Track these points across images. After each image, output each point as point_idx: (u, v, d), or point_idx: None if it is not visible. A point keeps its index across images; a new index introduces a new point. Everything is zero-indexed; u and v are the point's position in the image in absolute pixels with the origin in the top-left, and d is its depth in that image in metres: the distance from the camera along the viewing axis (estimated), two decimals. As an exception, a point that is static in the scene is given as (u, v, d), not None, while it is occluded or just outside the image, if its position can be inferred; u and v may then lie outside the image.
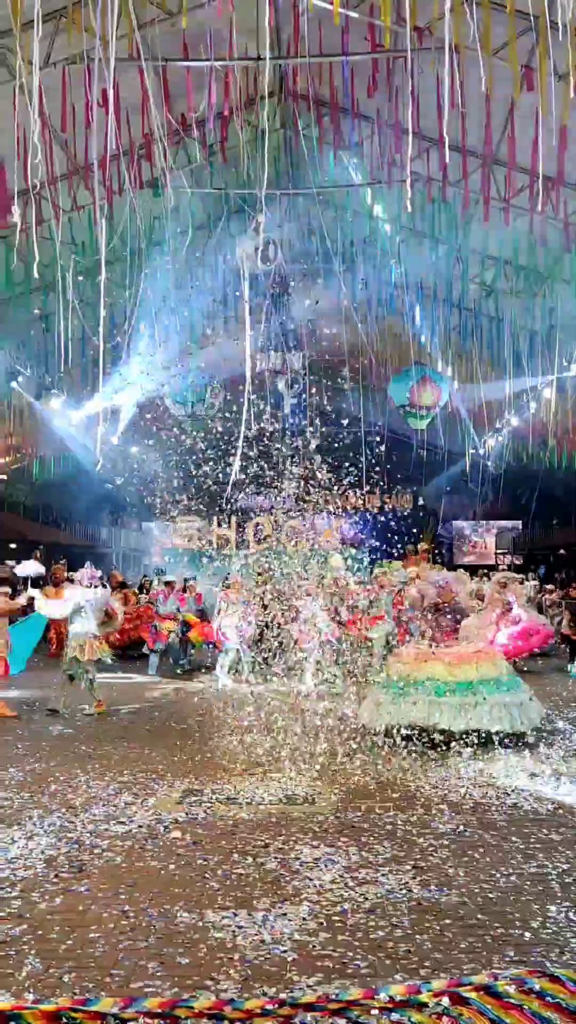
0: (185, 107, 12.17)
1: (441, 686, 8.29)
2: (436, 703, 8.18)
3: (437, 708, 8.16)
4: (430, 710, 8.18)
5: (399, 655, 9.27)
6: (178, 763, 7.65)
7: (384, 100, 12.05)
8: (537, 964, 3.88)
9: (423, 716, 8.18)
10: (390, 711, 8.43)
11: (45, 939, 4.17)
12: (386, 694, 8.66)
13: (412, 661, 8.79)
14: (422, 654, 8.87)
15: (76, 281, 14.55)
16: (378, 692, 8.84)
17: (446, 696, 8.19)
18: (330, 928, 4.27)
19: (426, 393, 19.88)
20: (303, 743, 8.39)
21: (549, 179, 12.72)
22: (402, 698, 8.42)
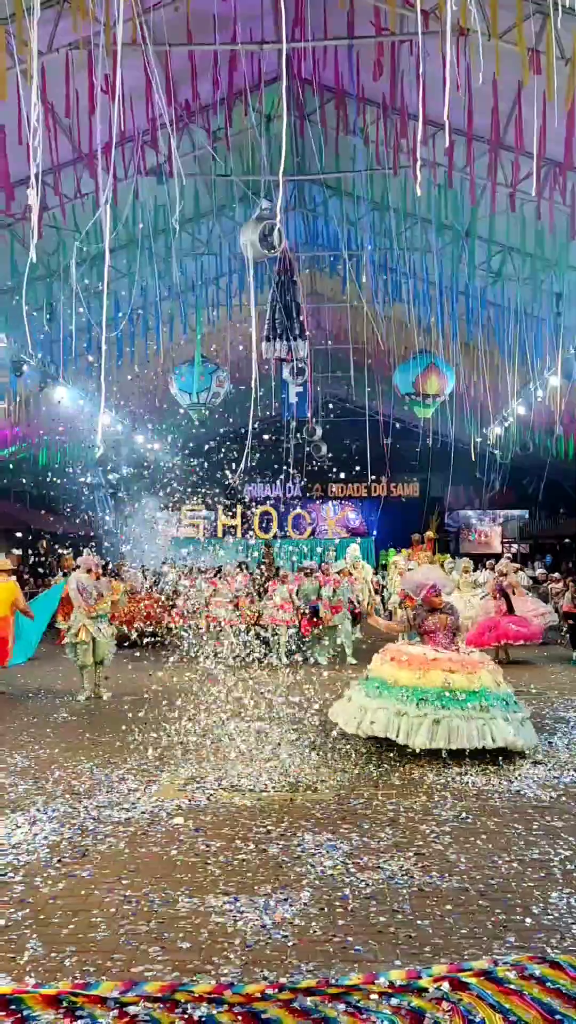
0: (189, 93, 12.09)
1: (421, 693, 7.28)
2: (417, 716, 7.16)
3: (407, 721, 7.18)
4: (397, 721, 7.22)
5: (392, 653, 8.02)
6: (181, 750, 7.66)
7: (390, 84, 11.93)
8: (538, 950, 3.89)
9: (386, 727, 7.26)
10: (359, 715, 7.54)
11: (47, 923, 4.20)
12: (361, 693, 7.74)
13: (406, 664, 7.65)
14: (416, 659, 7.67)
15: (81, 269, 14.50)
16: (357, 691, 7.87)
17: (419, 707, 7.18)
18: (331, 913, 4.28)
19: (432, 381, 19.78)
20: (301, 732, 8.42)
21: (557, 164, 12.63)
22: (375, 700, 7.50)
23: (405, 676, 7.49)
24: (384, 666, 7.79)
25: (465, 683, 7.35)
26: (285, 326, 14.65)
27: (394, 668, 7.65)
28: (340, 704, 7.99)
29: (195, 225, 17.03)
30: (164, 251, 15.98)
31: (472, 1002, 3.40)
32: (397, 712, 7.22)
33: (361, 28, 11.26)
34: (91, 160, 11.74)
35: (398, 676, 7.54)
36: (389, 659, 7.84)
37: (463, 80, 9.55)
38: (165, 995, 3.48)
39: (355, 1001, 3.43)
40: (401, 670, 7.57)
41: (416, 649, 7.92)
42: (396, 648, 8.14)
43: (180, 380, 19.84)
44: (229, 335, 19.60)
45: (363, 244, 17.63)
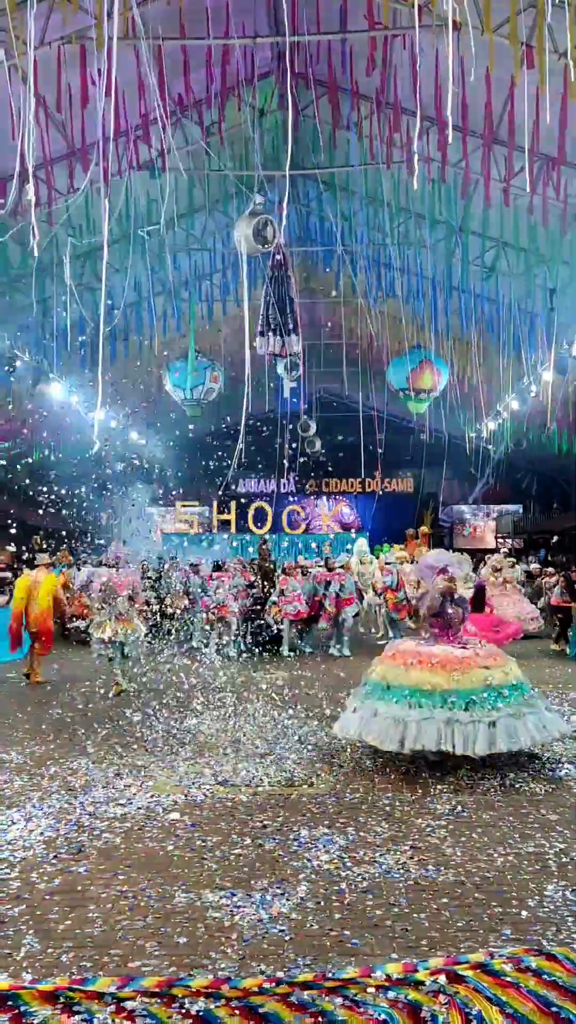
0: (182, 87, 12.05)
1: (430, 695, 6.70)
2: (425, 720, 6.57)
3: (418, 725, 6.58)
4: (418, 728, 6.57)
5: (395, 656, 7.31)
6: (177, 745, 7.66)
7: (383, 78, 11.92)
8: (534, 942, 3.90)
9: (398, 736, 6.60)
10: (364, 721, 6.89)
11: (43, 919, 4.20)
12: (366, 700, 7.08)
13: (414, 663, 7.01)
14: (422, 655, 7.06)
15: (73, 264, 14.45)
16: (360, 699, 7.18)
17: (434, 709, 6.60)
18: (327, 907, 4.29)
19: (425, 377, 19.79)
20: (300, 724, 8.43)
21: (550, 159, 12.63)
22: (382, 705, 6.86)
23: (442, 679, 6.72)
24: (411, 672, 6.87)
25: (503, 678, 6.88)
26: (278, 321, 14.63)
27: (425, 673, 6.80)
28: (354, 719, 6.98)
29: (189, 220, 16.99)
30: (157, 246, 15.93)
31: (469, 995, 3.42)
32: (447, 721, 6.49)
33: (354, 23, 11.23)
34: (84, 155, 11.71)
35: (433, 681, 6.72)
36: (414, 663, 6.94)
37: (456, 75, 9.53)
38: (162, 990, 3.48)
39: (352, 994, 3.44)
40: (435, 674, 6.76)
41: (440, 649, 7.08)
42: (414, 650, 7.16)
43: (174, 376, 19.79)
44: (223, 330, 19.56)
45: (357, 239, 17.61)
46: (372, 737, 6.72)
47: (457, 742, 6.44)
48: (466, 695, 6.62)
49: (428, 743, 6.48)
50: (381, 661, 7.33)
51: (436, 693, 6.65)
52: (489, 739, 6.46)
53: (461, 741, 6.45)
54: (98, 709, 9.43)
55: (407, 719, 6.59)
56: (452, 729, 6.48)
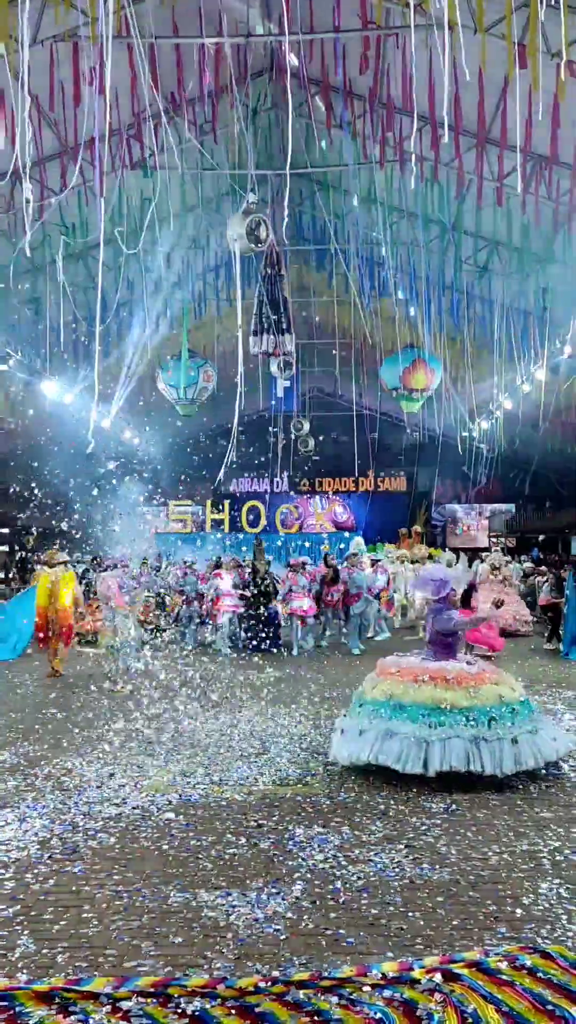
0: (175, 86, 12.03)
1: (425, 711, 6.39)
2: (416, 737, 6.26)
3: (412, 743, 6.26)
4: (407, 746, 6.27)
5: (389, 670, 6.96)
6: (172, 744, 7.65)
7: (377, 78, 11.92)
8: (528, 940, 3.91)
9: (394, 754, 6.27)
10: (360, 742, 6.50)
11: (38, 920, 4.19)
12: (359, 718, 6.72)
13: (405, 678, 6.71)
14: (416, 670, 6.74)
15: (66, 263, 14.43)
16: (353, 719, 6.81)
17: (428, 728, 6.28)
18: (322, 906, 4.29)
19: (419, 376, 19.82)
20: (294, 724, 8.43)
21: (542, 158, 12.66)
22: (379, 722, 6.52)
23: (460, 696, 6.39)
24: (424, 688, 6.49)
25: (512, 694, 6.65)
26: (271, 320, 14.64)
27: (440, 689, 6.44)
28: (361, 742, 6.47)
29: (182, 219, 16.97)
30: (150, 245, 15.90)
31: (464, 993, 3.42)
32: (473, 739, 6.20)
33: (347, 22, 11.23)
34: (76, 153, 11.67)
35: (450, 698, 6.38)
36: (425, 679, 6.55)
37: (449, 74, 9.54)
38: (158, 990, 3.47)
39: (348, 993, 3.44)
40: (452, 691, 6.42)
41: (451, 665, 6.72)
42: (421, 666, 6.77)
43: (167, 375, 19.77)
44: (216, 329, 19.56)
45: (350, 238, 17.62)
46: (390, 759, 6.24)
47: (486, 761, 6.14)
48: (486, 712, 6.36)
49: (457, 763, 6.12)
50: (382, 678, 6.86)
51: (456, 711, 6.32)
52: (515, 756, 6.20)
53: (489, 759, 6.15)
54: (92, 709, 9.42)
55: (429, 738, 6.20)
56: (479, 747, 6.18)
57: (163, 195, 14.29)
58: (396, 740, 6.29)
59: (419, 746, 6.20)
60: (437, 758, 6.12)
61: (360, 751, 6.42)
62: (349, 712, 6.97)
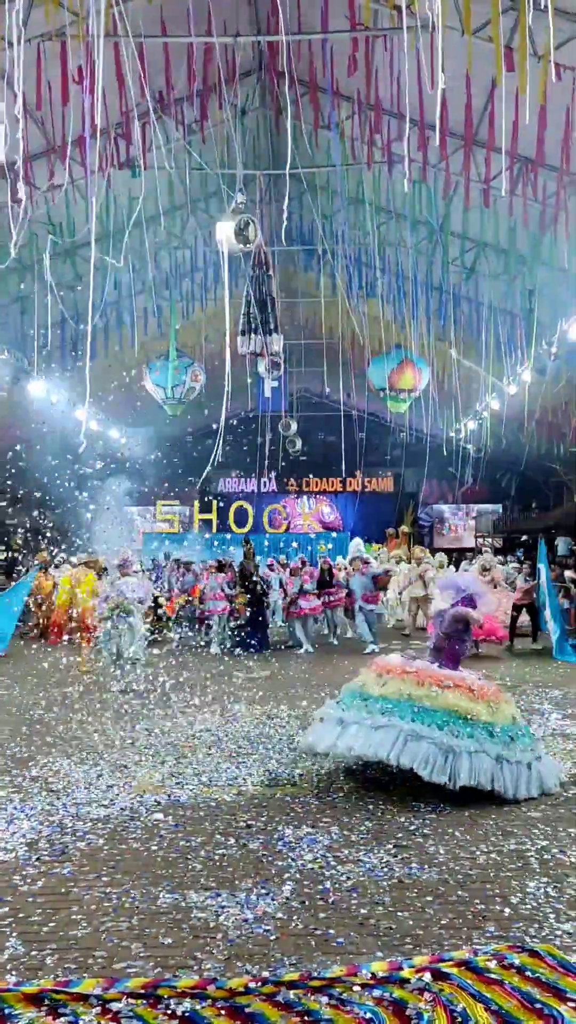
0: (163, 85, 12.02)
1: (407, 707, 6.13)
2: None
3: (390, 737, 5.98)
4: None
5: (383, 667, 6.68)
6: (161, 745, 7.64)
7: (368, 79, 11.94)
8: (516, 939, 3.93)
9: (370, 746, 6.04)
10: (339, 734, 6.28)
11: (27, 921, 4.17)
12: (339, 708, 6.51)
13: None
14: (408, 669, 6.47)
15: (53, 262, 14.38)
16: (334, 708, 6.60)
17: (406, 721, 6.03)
18: (312, 907, 4.30)
19: (406, 376, 19.87)
20: (283, 723, 8.44)
21: (529, 161, 12.72)
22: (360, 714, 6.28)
23: (483, 709, 6.12)
24: (449, 695, 6.14)
25: (520, 718, 6.49)
26: (259, 321, 14.63)
27: (464, 699, 6.13)
28: (381, 735, 6.06)
29: (171, 218, 16.94)
30: (138, 244, 15.88)
31: (453, 992, 3.44)
32: (497, 757, 5.94)
33: (336, 23, 11.25)
34: (64, 151, 11.63)
35: (474, 709, 6.08)
36: (451, 685, 6.22)
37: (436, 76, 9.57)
38: (148, 991, 3.47)
39: (338, 993, 3.45)
40: (476, 703, 6.14)
41: (470, 675, 6.51)
42: (440, 672, 6.44)
43: (155, 374, 19.73)
44: (204, 329, 19.53)
45: (338, 239, 17.65)
46: (415, 764, 5.83)
47: (507, 783, 5.88)
48: (506, 730, 6.08)
49: (484, 780, 5.81)
50: (391, 676, 6.42)
51: (479, 724, 6.01)
52: (527, 783, 6.00)
53: (510, 782, 5.90)
54: (80, 710, 9.38)
55: (457, 749, 5.84)
56: (502, 767, 5.91)
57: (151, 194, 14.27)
58: (422, 744, 5.88)
59: (445, 755, 5.84)
60: (465, 771, 5.77)
61: (377, 748, 5.98)
62: (345, 704, 6.46)
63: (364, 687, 6.54)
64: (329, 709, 6.62)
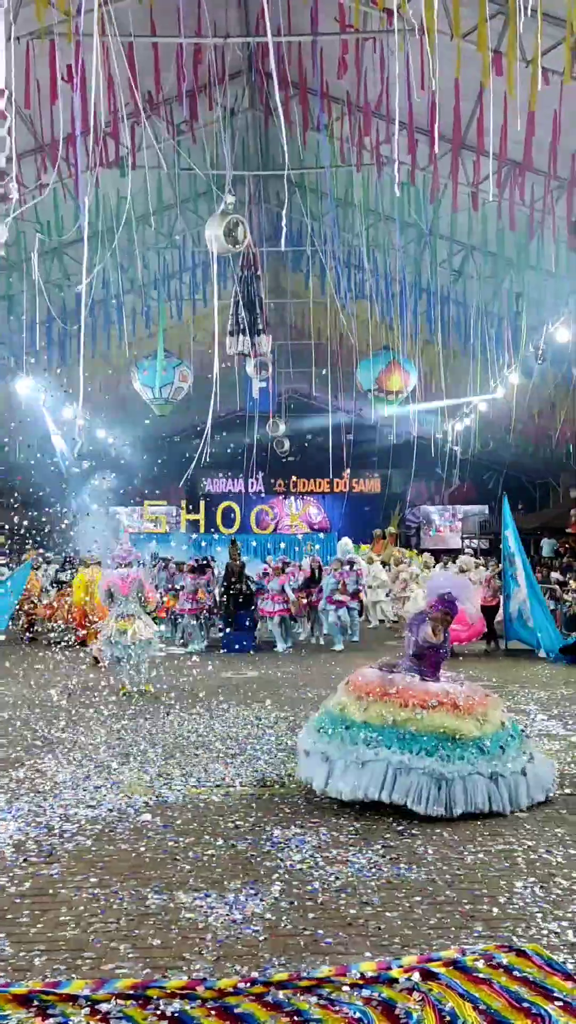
0: (152, 85, 12.02)
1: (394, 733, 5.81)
2: None
3: None
4: None
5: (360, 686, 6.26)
6: (148, 746, 7.63)
7: (355, 81, 11.97)
8: (504, 939, 3.96)
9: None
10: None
11: (15, 923, 4.16)
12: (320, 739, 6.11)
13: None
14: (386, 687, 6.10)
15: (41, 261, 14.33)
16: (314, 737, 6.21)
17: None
18: (301, 907, 4.31)
19: (394, 378, 19.94)
20: (271, 724, 8.44)
21: (517, 164, 12.78)
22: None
23: (472, 726, 5.88)
24: (435, 715, 5.84)
25: (507, 720, 6.32)
26: (248, 321, 14.63)
27: (449, 717, 5.85)
28: (363, 774, 5.72)
29: (159, 218, 16.92)
30: (127, 244, 15.85)
31: (442, 991, 3.45)
32: (491, 775, 5.73)
33: (325, 26, 11.28)
34: (54, 151, 11.60)
35: (463, 727, 5.83)
36: (436, 704, 5.90)
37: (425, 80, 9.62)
38: (137, 992, 3.47)
39: (327, 993, 3.46)
40: (463, 720, 5.86)
41: (452, 686, 6.20)
42: (423, 687, 6.08)
43: (143, 374, 19.69)
44: (192, 330, 19.52)
45: (327, 240, 17.68)
46: (408, 800, 5.58)
47: (504, 800, 5.67)
48: (497, 740, 5.88)
49: (480, 802, 5.60)
50: (373, 698, 6.06)
51: (469, 743, 5.76)
52: (527, 791, 5.82)
53: (508, 797, 5.70)
54: (66, 711, 9.36)
55: (449, 775, 5.60)
56: (497, 785, 5.69)
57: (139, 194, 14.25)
58: (412, 776, 5.60)
59: (438, 784, 5.58)
60: (460, 798, 5.56)
61: (367, 787, 5.66)
62: (328, 735, 6.07)
63: (344, 711, 6.13)
64: (312, 740, 6.19)
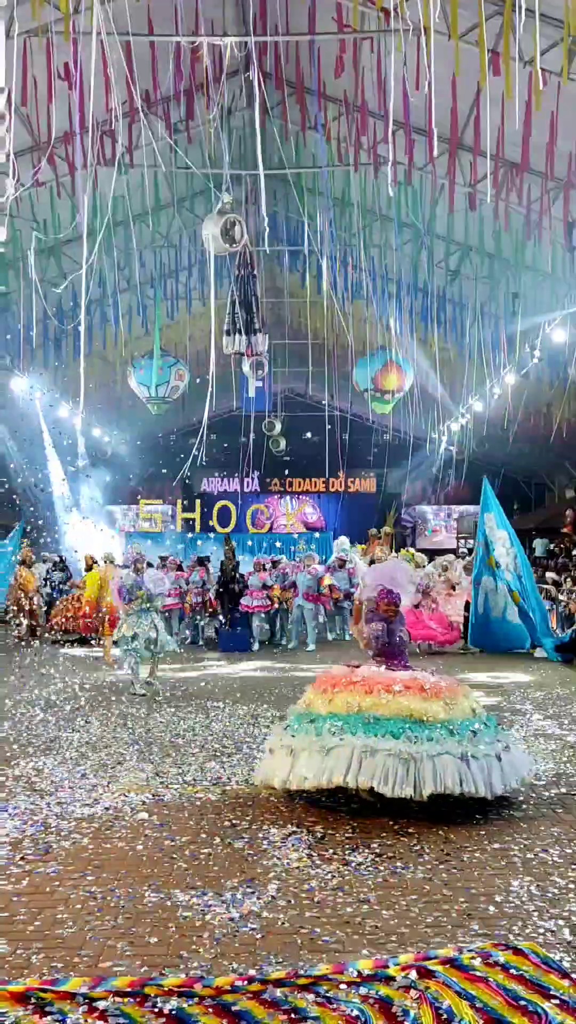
0: (150, 83, 12.00)
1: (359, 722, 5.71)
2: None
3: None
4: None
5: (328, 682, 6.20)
6: (145, 744, 7.63)
7: (352, 81, 11.98)
8: (501, 937, 3.97)
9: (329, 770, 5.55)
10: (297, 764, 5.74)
11: (12, 921, 4.16)
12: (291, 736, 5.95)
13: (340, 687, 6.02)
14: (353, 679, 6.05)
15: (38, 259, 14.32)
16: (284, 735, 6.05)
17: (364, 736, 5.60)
18: (298, 905, 4.32)
19: (390, 377, 19.96)
20: (267, 722, 8.45)
21: (514, 165, 12.81)
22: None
23: (439, 708, 5.78)
24: (401, 699, 5.78)
25: (480, 709, 6.18)
26: (244, 320, 14.64)
27: (417, 699, 5.79)
28: (331, 761, 5.60)
29: (156, 217, 16.91)
30: (124, 243, 15.84)
31: (439, 989, 3.46)
32: (462, 756, 5.57)
33: (324, 26, 11.29)
34: (51, 149, 11.60)
35: (430, 709, 5.74)
36: (401, 689, 5.84)
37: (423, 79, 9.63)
38: (134, 989, 3.47)
39: (324, 991, 3.46)
40: (431, 702, 5.79)
41: (422, 674, 6.14)
42: (388, 675, 6.07)
43: (139, 373, 19.69)
44: (188, 328, 19.52)
45: (324, 240, 17.69)
46: (373, 780, 5.44)
47: (477, 781, 5.52)
48: (467, 725, 5.75)
49: (450, 782, 5.43)
50: (338, 689, 6.00)
51: (437, 725, 5.65)
52: (501, 776, 5.67)
53: (481, 779, 5.53)
54: (62, 709, 9.35)
55: (417, 755, 5.46)
56: (469, 766, 5.53)
57: (136, 193, 14.25)
58: (377, 757, 5.48)
59: (405, 765, 5.45)
60: (429, 778, 5.41)
61: (331, 772, 5.53)
62: (294, 730, 5.96)
63: (310, 707, 6.08)
64: (277, 738, 6.09)
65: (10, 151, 6.63)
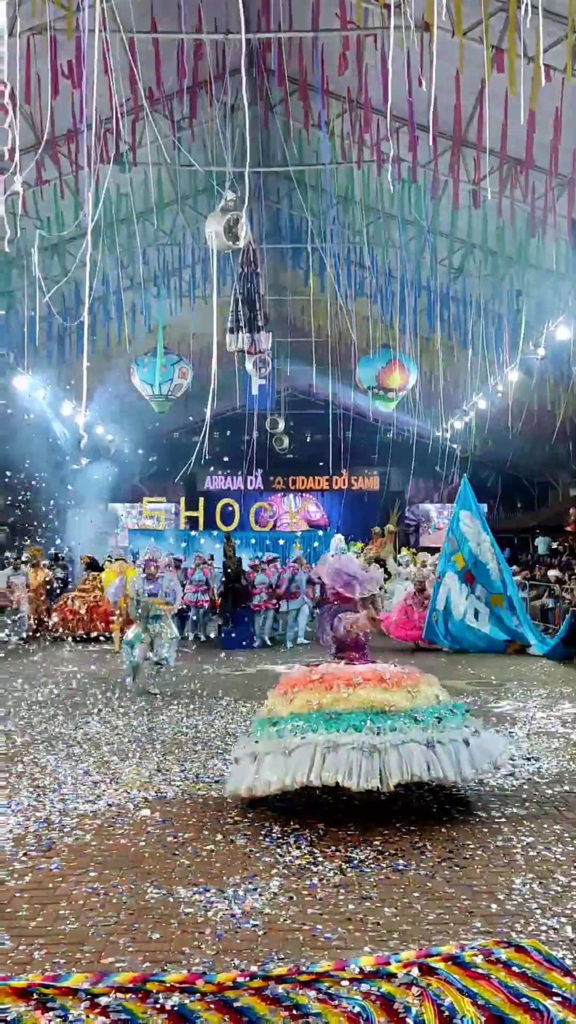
0: (153, 80, 11.99)
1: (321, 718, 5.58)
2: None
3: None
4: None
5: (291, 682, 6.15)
6: (148, 741, 7.64)
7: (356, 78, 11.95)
8: (503, 935, 3.96)
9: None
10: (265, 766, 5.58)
11: (14, 916, 4.17)
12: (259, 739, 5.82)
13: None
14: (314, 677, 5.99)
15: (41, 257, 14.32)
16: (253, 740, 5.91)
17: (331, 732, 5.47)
18: (300, 902, 4.32)
19: (394, 375, 19.94)
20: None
21: (518, 162, 12.77)
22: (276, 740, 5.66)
23: (401, 698, 5.73)
24: (361, 692, 5.73)
25: (445, 697, 6.12)
26: (247, 318, 14.63)
27: (378, 691, 5.75)
28: (295, 760, 5.44)
29: (159, 215, 16.91)
30: (127, 240, 15.84)
31: (441, 987, 3.46)
32: (428, 743, 5.52)
33: (327, 22, 11.26)
34: (54, 146, 11.59)
35: (392, 700, 5.70)
36: (360, 682, 5.81)
37: (426, 76, 9.61)
38: (136, 985, 3.48)
39: (326, 988, 3.46)
40: (392, 693, 5.75)
41: (382, 665, 6.20)
42: (348, 670, 6.03)
43: (142, 371, 19.69)
44: (193, 325, 19.51)
45: (327, 237, 17.67)
46: (338, 776, 5.29)
47: (445, 766, 5.42)
48: (431, 712, 5.66)
49: (418, 771, 5.35)
50: (297, 689, 5.94)
51: (400, 714, 5.57)
52: (470, 759, 5.57)
53: (450, 764, 5.44)
54: (65, 707, 9.37)
55: (381, 746, 5.37)
56: (435, 752, 5.44)
57: (140, 190, 14.23)
58: (341, 752, 5.33)
59: (370, 757, 5.33)
60: (395, 768, 5.31)
61: (295, 772, 5.35)
62: (257, 736, 5.85)
63: (271, 712, 5.98)
64: (242, 747, 5.98)
65: (15, 148, 6.61)
